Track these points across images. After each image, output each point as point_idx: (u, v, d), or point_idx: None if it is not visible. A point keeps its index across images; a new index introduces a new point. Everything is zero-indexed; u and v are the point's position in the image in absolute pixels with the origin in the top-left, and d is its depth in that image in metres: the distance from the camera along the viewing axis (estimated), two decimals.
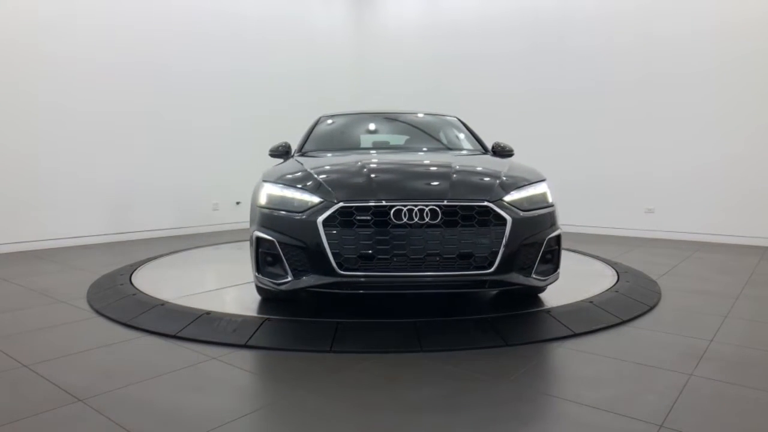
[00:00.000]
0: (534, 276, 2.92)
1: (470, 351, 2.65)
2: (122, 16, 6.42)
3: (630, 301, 3.47)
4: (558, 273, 3.13)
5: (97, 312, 3.32)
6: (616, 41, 7.05)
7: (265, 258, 2.98)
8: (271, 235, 2.91)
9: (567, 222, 7.49)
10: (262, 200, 3.08)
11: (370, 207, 2.74)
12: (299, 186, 2.99)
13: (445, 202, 2.74)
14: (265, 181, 3.21)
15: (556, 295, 3.58)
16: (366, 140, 4.50)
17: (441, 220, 2.71)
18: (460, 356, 2.57)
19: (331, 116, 4.87)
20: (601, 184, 7.27)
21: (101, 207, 6.33)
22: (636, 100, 6.95)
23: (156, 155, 6.80)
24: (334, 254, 2.72)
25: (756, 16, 6.13)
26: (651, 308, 3.43)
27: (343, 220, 2.74)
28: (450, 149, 4.20)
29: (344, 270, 2.73)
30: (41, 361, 2.50)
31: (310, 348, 2.67)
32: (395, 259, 2.70)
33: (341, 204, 2.76)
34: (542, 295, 3.57)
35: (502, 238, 2.74)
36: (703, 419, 1.95)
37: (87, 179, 6.19)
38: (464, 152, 4.07)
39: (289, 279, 2.87)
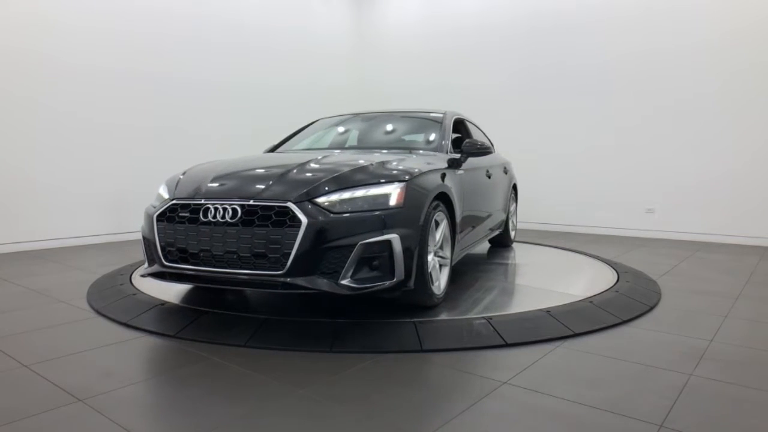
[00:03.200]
0: (344, 282, 2.68)
1: (470, 351, 2.65)
2: (123, 21, 6.42)
3: (630, 301, 3.47)
4: (395, 282, 2.80)
5: (97, 312, 3.32)
6: (617, 40, 7.05)
7: (143, 248, 3.29)
8: (142, 228, 3.27)
9: (567, 222, 7.52)
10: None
11: (189, 204, 2.96)
12: (170, 185, 3.28)
13: (251, 202, 2.79)
14: None
15: (556, 295, 3.58)
16: (336, 141, 4.66)
17: (239, 219, 2.76)
18: (460, 356, 2.58)
19: (328, 118, 5.07)
20: (601, 184, 7.27)
21: (101, 207, 6.33)
22: (636, 99, 6.95)
23: (156, 156, 6.79)
24: (161, 247, 3.00)
25: (757, 18, 6.13)
26: (651, 308, 3.43)
27: (170, 215, 3.00)
28: (388, 147, 4.16)
29: (168, 261, 2.97)
30: (41, 361, 2.51)
31: (310, 348, 2.67)
32: (202, 255, 2.85)
33: (173, 201, 3.03)
34: (542, 295, 3.56)
35: (295, 240, 2.66)
36: (703, 419, 1.95)
37: (87, 179, 6.19)
38: (397, 150, 3.94)
39: (146, 266, 3.20)
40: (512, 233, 5.81)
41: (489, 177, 4.56)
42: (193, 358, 2.55)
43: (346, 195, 2.81)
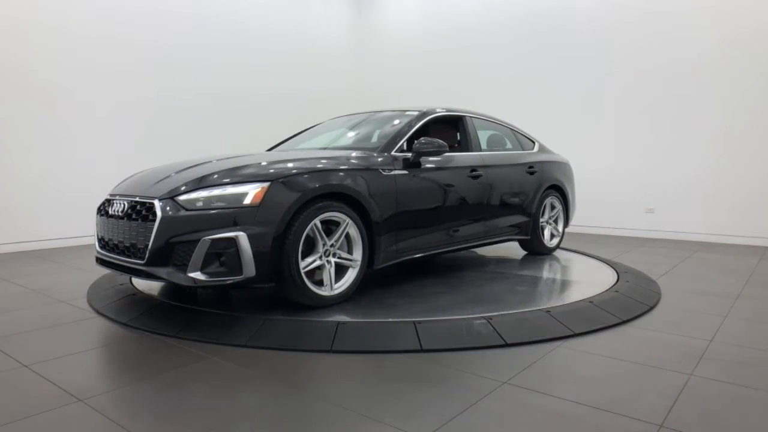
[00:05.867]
0: (192, 274, 2.83)
1: (470, 351, 2.65)
2: (121, 24, 6.42)
3: (630, 301, 3.46)
4: (244, 278, 2.88)
5: (97, 312, 3.32)
6: (617, 39, 7.05)
7: None
8: None
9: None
10: None
11: (108, 199, 3.38)
12: None
13: (137, 198, 3.11)
14: None
15: (556, 295, 3.58)
16: (321, 141, 4.56)
17: (125, 213, 3.12)
18: (460, 356, 2.58)
19: (336, 118, 5.06)
20: (601, 184, 7.27)
21: None
22: (636, 99, 6.95)
23: (155, 156, 6.78)
24: (96, 234, 3.43)
25: (759, 22, 6.13)
26: (651, 308, 3.43)
27: (101, 208, 3.41)
28: (343, 148, 4.12)
29: (99, 248, 3.38)
30: (41, 361, 2.51)
31: (310, 348, 2.67)
32: (109, 243, 3.25)
33: (107, 196, 3.43)
34: (542, 295, 3.57)
35: (152, 233, 2.91)
36: (703, 419, 1.95)
37: (87, 180, 6.19)
38: (342, 150, 3.89)
39: None
40: (552, 240, 5.26)
41: (476, 177, 4.25)
42: (193, 358, 2.55)
43: (204, 193, 2.97)
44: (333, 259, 3.26)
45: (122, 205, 3.17)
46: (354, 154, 3.65)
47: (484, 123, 4.86)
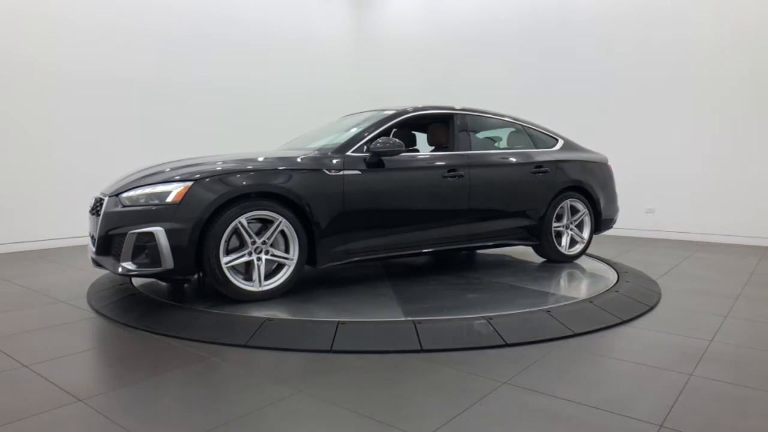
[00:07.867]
0: (124, 264, 3.09)
1: (470, 351, 2.65)
2: (122, 20, 6.43)
3: (630, 301, 3.47)
4: (164, 270, 3.05)
5: (97, 312, 3.32)
6: (617, 41, 7.05)
7: None
8: None
9: None
10: None
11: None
12: None
13: (99, 196, 3.42)
14: None
15: (556, 295, 3.58)
16: (323, 141, 4.37)
17: (91, 208, 3.45)
18: (459, 356, 2.57)
19: (345, 117, 5.01)
20: None
21: None
22: (636, 99, 6.95)
23: (155, 156, 6.78)
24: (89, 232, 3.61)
25: (759, 20, 6.12)
26: (651, 308, 3.43)
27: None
28: (317, 148, 3.99)
29: (91, 244, 3.51)
30: (41, 361, 2.51)
31: (310, 348, 2.67)
32: (91, 237, 3.50)
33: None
34: (542, 295, 3.56)
35: (97, 227, 3.24)
36: (703, 419, 1.95)
37: (87, 179, 6.18)
38: (307, 151, 3.83)
39: None
40: (572, 247, 4.79)
41: (456, 177, 4.01)
42: (193, 358, 2.55)
43: (138, 191, 3.22)
44: (264, 256, 3.32)
45: (93, 202, 3.49)
46: (304, 154, 3.64)
47: (488, 121, 4.61)
